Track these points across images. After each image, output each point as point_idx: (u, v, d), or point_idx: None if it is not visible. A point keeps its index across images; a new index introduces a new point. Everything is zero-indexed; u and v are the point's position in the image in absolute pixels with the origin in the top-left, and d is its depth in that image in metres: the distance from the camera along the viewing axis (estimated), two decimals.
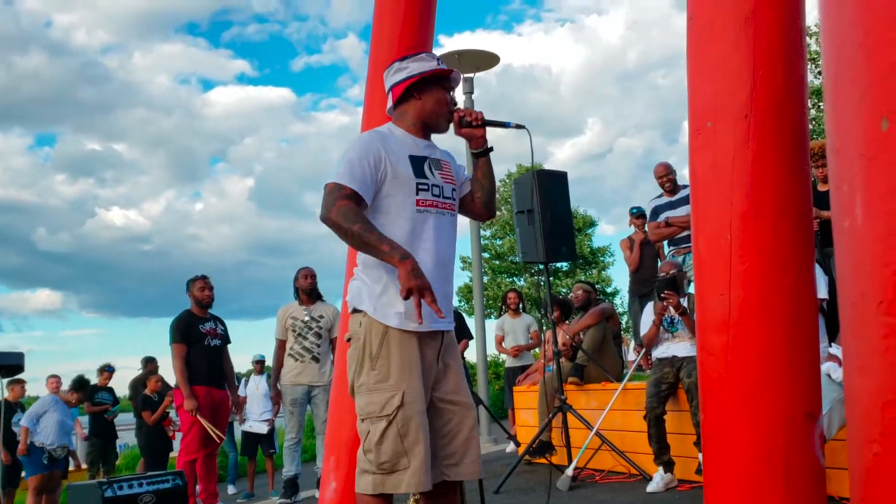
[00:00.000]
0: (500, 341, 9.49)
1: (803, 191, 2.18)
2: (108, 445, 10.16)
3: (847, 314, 1.36)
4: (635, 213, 8.22)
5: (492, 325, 9.98)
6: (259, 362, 10.24)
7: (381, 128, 2.88)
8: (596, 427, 5.94)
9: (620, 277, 33.99)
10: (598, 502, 5.05)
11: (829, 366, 3.69)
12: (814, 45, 16.82)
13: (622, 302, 26.50)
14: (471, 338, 8.97)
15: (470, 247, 11.75)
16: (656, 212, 6.93)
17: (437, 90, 2.88)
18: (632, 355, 9.27)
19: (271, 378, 7.35)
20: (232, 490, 10.29)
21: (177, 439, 8.49)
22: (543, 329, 9.38)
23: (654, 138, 56.91)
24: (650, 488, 5.30)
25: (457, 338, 8.84)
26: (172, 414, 9.29)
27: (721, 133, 2.19)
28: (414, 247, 2.72)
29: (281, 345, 6.93)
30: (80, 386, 9.19)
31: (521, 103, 50.66)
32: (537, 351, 9.59)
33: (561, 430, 6.38)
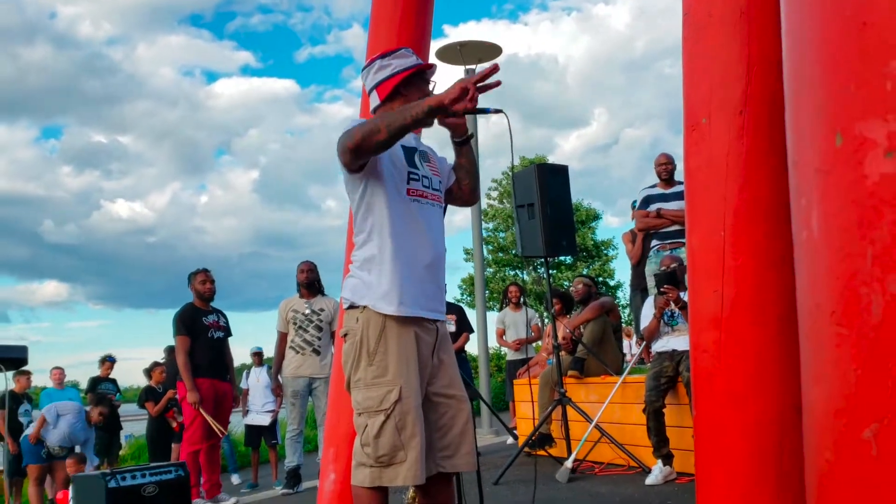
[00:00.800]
0: (501, 334, 9.52)
1: None
2: (113, 437, 10.21)
3: (804, 325, 1.38)
4: (636, 207, 8.23)
5: (493, 318, 10.01)
6: (257, 354, 10.29)
7: None
8: (595, 420, 5.97)
9: (623, 270, 33.99)
10: (597, 494, 5.08)
11: None
12: None
13: (624, 295, 26.53)
14: (472, 331, 9.00)
15: (472, 239, 11.78)
16: (647, 200, 6.91)
17: (421, 85, 2.89)
18: (635, 348, 9.30)
19: (272, 370, 7.39)
20: (236, 480, 10.37)
21: (181, 431, 8.55)
22: (544, 322, 9.41)
23: (661, 129, 56.74)
24: (649, 481, 5.33)
25: (458, 331, 8.88)
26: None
27: (716, 129, 2.22)
28: (411, 234, 2.75)
29: (282, 337, 6.97)
30: (101, 400, 9.21)
31: (526, 94, 50.54)
32: (539, 344, 9.62)
33: (560, 423, 6.42)
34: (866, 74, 1.18)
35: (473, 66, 11.02)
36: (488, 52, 11.01)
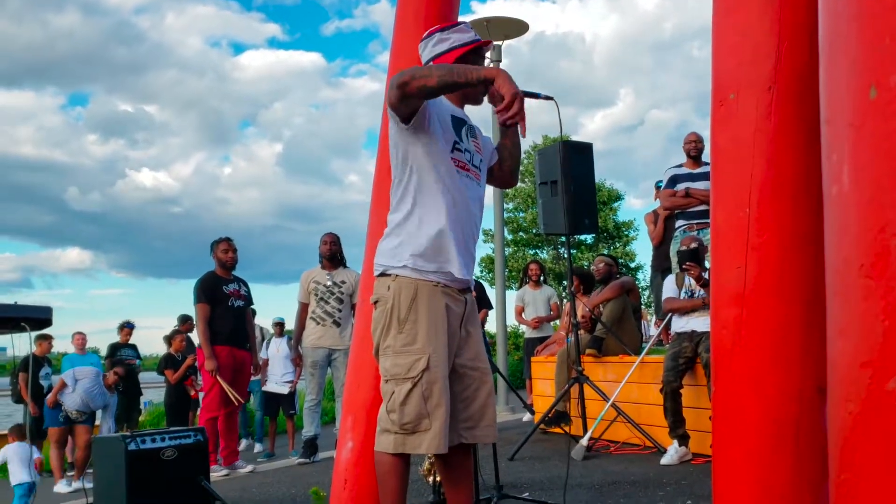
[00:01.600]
0: (520, 312, 9.52)
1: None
2: (133, 402, 10.32)
3: (831, 280, 1.37)
4: (660, 187, 8.15)
5: (513, 296, 10.01)
6: (279, 324, 10.35)
7: None
8: (612, 399, 5.97)
9: (644, 252, 33.84)
10: (612, 473, 5.09)
11: None
12: None
13: (644, 277, 26.43)
14: (490, 308, 9.01)
15: (493, 219, 11.76)
16: (674, 180, 6.81)
17: (478, 61, 2.92)
18: (652, 330, 9.28)
19: (293, 341, 7.43)
20: (258, 448, 10.49)
21: (199, 398, 8.63)
22: (563, 301, 9.39)
23: (688, 111, 56.27)
24: (664, 461, 5.33)
25: (477, 307, 8.89)
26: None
27: (743, 105, 2.19)
28: (454, 203, 2.76)
29: (303, 308, 7.01)
30: (116, 363, 9.30)
31: (552, 72, 50.18)
32: (557, 323, 9.61)
33: (577, 401, 6.42)
34: None
35: (500, 43, 10.94)
36: (515, 28, 10.92)
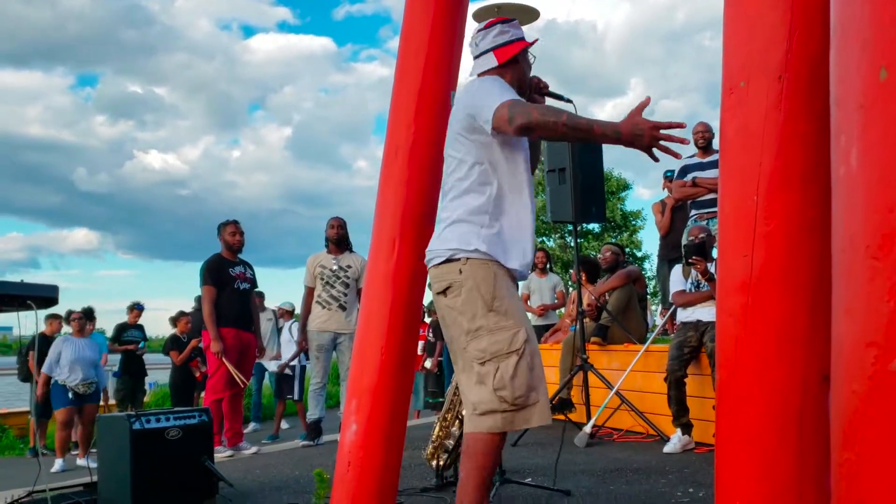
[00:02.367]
0: (525, 300, 9.52)
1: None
2: (138, 383, 10.37)
3: (837, 261, 1.37)
4: (669, 177, 8.11)
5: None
6: (289, 312, 10.44)
7: None
8: (616, 387, 5.98)
9: (651, 242, 33.82)
10: (615, 460, 5.10)
11: None
12: None
13: (651, 267, 26.42)
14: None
15: None
16: (685, 170, 6.81)
17: (528, 60, 3.08)
18: (658, 318, 9.27)
19: (299, 324, 7.45)
20: (254, 426, 10.56)
21: (203, 380, 8.67)
22: (569, 289, 9.39)
23: (698, 101, 56.14)
24: (667, 449, 5.34)
25: None
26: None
27: (754, 93, 2.17)
28: (528, 196, 2.86)
29: (309, 292, 7.02)
30: (87, 315, 9.15)
31: (563, 60, 50.11)
32: (563, 311, 9.61)
33: (581, 389, 6.44)
34: None
35: None
36: (526, 15, 10.83)
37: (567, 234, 28.18)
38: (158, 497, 4.18)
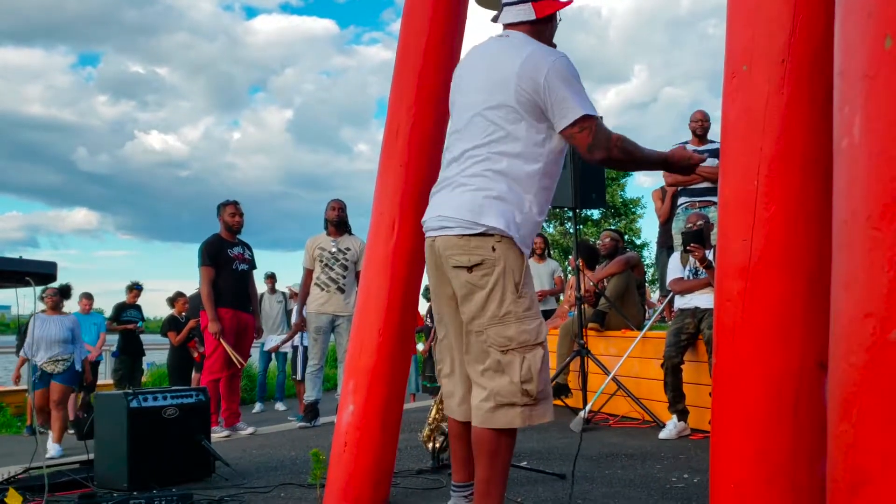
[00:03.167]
0: None
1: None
2: (136, 363, 10.38)
3: (838, 232, 1.37)
4: None
5: None
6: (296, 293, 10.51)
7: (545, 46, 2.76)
8: (613, 372, 5.98)
9: (650, 229, 33.83)
10: (610, 445, 5.12)
11: None
12: None
13: (650, 255, 26.43)
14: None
15: None
16: None
17: (557, 22, 2.90)
18: (655, 303, 9.28)
19: (297, 306, 7.45)
20: (259, 407, 10.62)
21: (201, 361, 8.67)
22: (567, 274, 9.38)
23: (701, 89, 56.01)
24: (662, 435, 5.36)
25: None
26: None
27: (756, 77, 2.16)
28: (552, 190, 2.82)
29: (308, 274, 7.03)
30: (62, 292, 8.73)
31: (567, 46, 49.81)
32: (562, 296, 9.61)
33: (578, 374, 6.45)
34: None
35: None
36: None
37: (567, 221, 28.16)
38: (155, 475, 4.19)
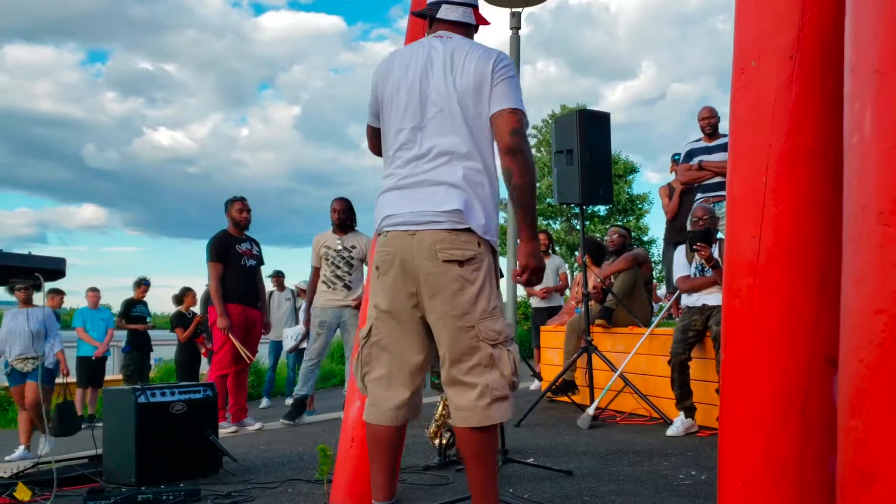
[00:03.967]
0: None
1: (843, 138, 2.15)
2: (144, 359, 10.40)
3: (848, 228, 1.36)
4: (676, 160, 8.07)
5: None
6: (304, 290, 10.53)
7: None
8: (620, 369, 5.98)
9: (657, 226, 33.74)
10: (617, 441, 5.11)
11: None
12: None
13: (657, 252, 26.37)
14: (501, 276, 8.97)
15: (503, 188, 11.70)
16: (690, 154, 6.78)
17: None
18: (663, 302, 9.26)
19: (305, 305, 7.44)
20: (266, 402, 10.63)
21: (209, 357, 8.68)
22: (572, 271, 9.36)
23: (709, 86, 55.77)
24: (670, 432, 5.35)
25: None
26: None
27: (765, 73, 2.15)
28: None
29: (315, 272, 7.05)
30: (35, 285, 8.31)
31: (575, 42, 49.82)
32: (568, 293, 9.60)
33: (585, 371, 6.44)
34: None
35: (520, 10, 10.83)
36: None
37: (573, 217, 28.14)
38: (162, 470, 4.21)
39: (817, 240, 2.09)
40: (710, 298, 5.52)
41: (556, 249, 10.29)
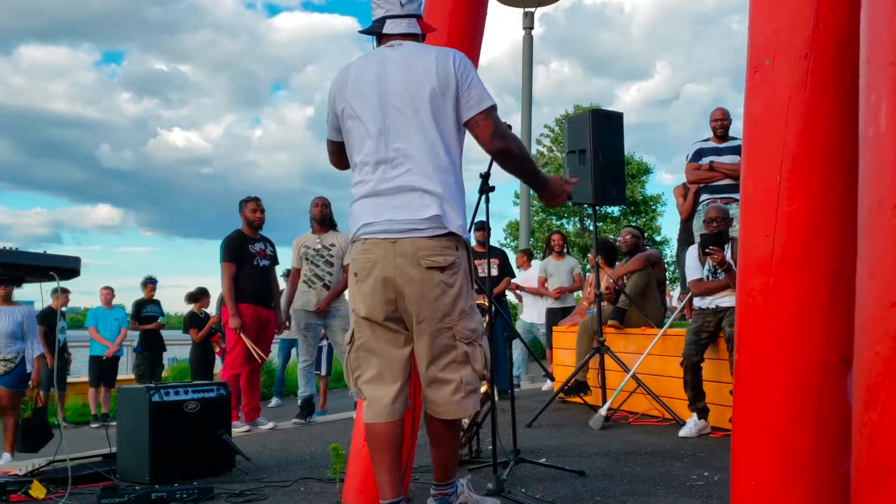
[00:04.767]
0: (542, 283, 9.49)
1: (858, 136, 2.14)
2: (157, 358, 10.45)
3: (863, 221, 1.36)
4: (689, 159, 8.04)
5: (537, 266, 9.98)
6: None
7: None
8: (633, 370, 5.96)
9: (671, 227, 33.66)
10: (630, 442, 5.10)
11: None
12: None
13: (671, 252, 26.29)
14: (513, 276, 8.98)
15: (519, 185, 11.69)
16: (699, 153, 6.69)
17: None
18: (676, 302, 9.23)
19: (283, 304, 7.40)
20: (276, 402, 10.66)
21: (223, 356, 8.71)
22: (586, 272, 9.35)
23: (724, 86, 55.54)
24: (682, 433, 5.33)
25: (500, 275, 8.89)
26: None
27: (779, 71, 2.15)
28: None
29: (295, 272, 7.11)
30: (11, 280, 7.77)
31: (589, 42, 49.76)
32: (580, 294, 9.58)
33: (597, 371, 6.43)
34: None
35: (533, 10, 10.83)
36: None
37: (586, 217, 28.08)
38: (176, 468, 4.22)
39: (831, 239, 2.08)
40: (724, 300, 5.49)
41: (570, 250, 10.25)
